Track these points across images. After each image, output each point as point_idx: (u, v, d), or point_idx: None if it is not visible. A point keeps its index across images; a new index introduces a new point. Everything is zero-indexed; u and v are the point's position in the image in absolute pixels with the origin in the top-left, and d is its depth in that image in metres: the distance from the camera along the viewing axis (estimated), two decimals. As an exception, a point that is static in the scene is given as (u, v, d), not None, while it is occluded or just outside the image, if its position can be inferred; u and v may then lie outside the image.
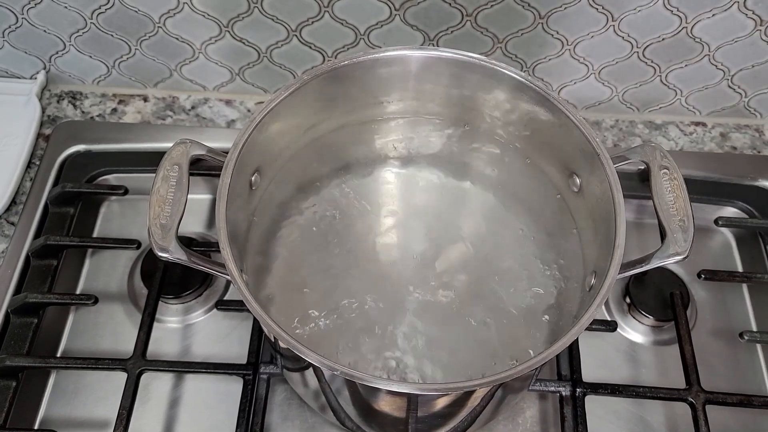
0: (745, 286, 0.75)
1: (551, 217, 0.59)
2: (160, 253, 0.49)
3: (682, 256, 0.51)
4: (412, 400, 0.51)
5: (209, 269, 0.51)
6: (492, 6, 0.72)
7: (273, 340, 0.56)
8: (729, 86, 0.81)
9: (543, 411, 0.66)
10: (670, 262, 0.51)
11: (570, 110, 0.56)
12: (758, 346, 0.71)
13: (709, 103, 0.84)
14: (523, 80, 0.58)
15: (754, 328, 0.72)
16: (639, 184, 0.73)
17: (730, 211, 0.77)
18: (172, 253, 0.50)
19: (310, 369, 0.54)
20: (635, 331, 0.71)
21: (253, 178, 0.58)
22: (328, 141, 0.64)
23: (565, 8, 0.72)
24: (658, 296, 0.70)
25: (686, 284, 0.71)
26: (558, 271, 0.60)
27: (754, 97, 0.83)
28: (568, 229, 0.59)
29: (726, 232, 0.78)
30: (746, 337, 0.68)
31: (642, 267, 0.51)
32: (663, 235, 0.52)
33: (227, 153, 0.54)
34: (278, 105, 0.57)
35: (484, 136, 0.65)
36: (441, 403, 0.52)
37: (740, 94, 0.82)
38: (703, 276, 0.70)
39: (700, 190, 0.77)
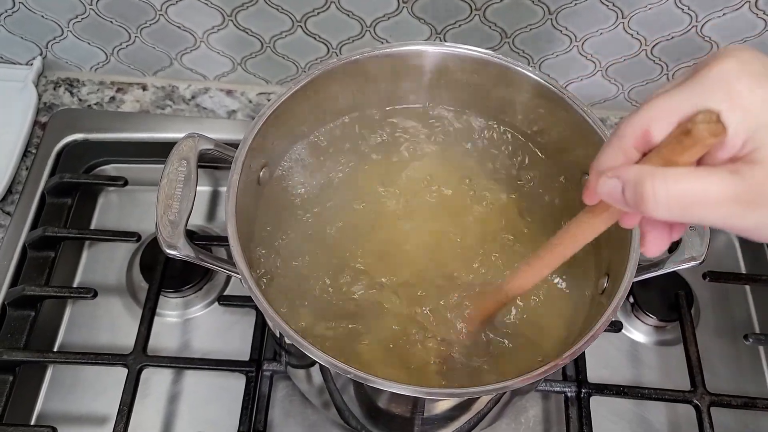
0: (748, 288, 0.75)
1: (563, 217, 0.58)
2: (168, 251, 0.48)
3: (698, 261, 0.50)
4: (419, 402, 0.50)
5: (220, 268, 0.50)
6: (501, 0, 0.71)
7: (278, 336, 0.56)
8: (735, 86, 0.80)
9: (546, 410, 0.66)
10: (685, 267, 0.50)
11: (585, 109, 0.55)
12: (761, 348, 0.71)
13: (715, 103, 0.83)
14: (538, 78, 0.57)
15: (757, 330, 0.72)
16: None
17: (734, 213, 0.77)
18: (181, 250, 0.49)
19: (316, 366, 0.53)
20: (638, 331, 0.71)
21: (261, 174, 0.57)
22: (337, 135, 0.63)
23: (576, 4, 0.71)
24: (661, 297, 0.70)
25: (689, 285, 0.71)
26: (570, 272, 0.59)
27: (760, 98, 0.82)
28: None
29: (729, 233, 0.78)
30: (750, 340, 0.67)
31: (657, 271, 0.51)
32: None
33: (235, 147, 0.53)
34: (288, 99, 0.56)
35: (494, 133, 0.64)
36: (448, 404, 0.52)
37: (746, 94, 0.82)
38: (708, 278, 0.70)
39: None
